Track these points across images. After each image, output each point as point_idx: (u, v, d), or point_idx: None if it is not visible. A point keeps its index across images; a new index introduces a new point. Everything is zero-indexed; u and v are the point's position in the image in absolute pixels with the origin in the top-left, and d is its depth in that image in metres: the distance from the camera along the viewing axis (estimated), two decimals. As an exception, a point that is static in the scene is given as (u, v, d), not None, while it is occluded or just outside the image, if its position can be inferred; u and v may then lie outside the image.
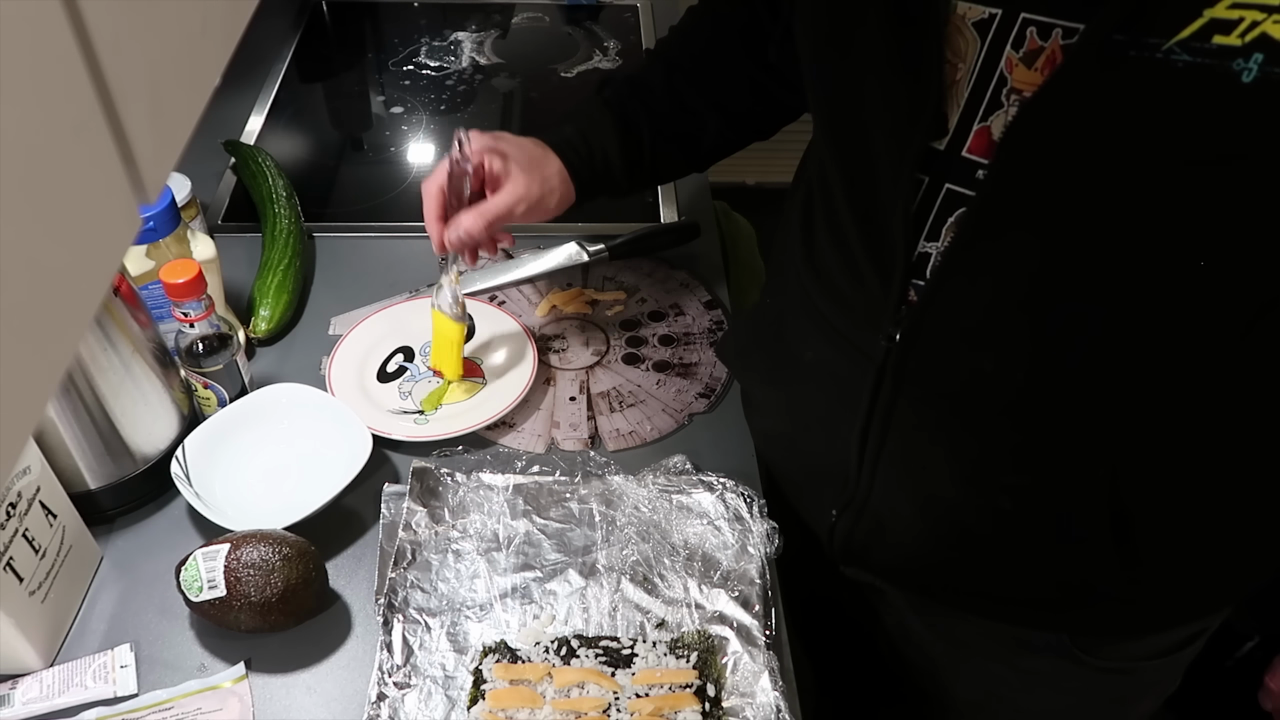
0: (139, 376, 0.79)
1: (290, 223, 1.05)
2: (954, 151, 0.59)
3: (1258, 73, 0.47)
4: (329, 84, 1.42)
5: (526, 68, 1.41)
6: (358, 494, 0.84)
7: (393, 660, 0.72)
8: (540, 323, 1.03)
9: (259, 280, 1.00)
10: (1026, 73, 0.55)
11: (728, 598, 0.77)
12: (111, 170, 0.31)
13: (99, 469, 0.79)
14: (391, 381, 0.95)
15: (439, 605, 0.76)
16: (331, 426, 0.86)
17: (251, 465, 0.86)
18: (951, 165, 0.59)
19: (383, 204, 1.18)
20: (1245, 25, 0.47)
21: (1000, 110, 0.56)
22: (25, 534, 0.70)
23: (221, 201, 1.16)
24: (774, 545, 0.80)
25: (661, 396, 0.95)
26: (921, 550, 0.73)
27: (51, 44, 0.27)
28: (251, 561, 0.72)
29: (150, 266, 0.88)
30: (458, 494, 0.83)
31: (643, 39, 1.47)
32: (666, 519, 0.82)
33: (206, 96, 0.38)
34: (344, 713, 0.72)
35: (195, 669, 0.74)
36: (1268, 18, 0.47)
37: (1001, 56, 0.55)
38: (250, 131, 1.26)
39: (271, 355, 0.98)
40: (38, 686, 0.71)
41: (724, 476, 0.85)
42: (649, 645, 0.74)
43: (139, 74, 0.31)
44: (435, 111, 1.32)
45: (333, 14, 1.52)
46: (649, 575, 0.78)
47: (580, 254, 1.08)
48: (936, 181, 0.60)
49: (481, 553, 0.79)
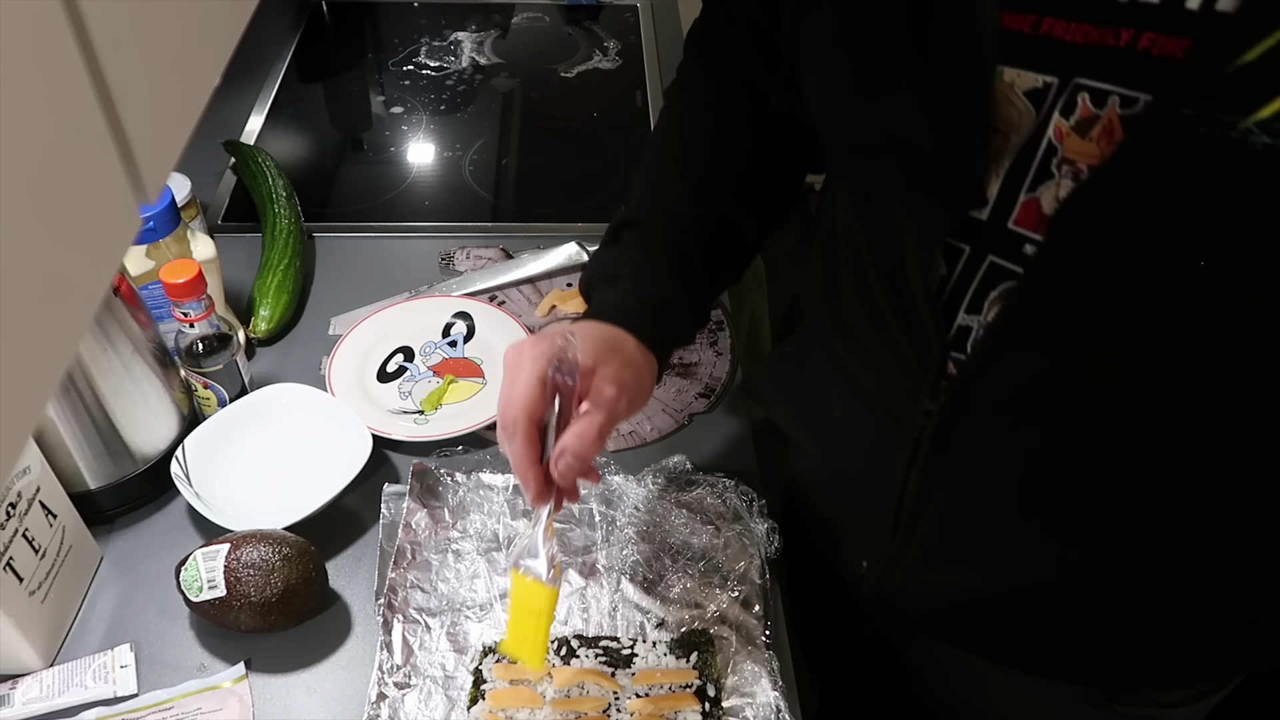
0: (139, 376, 0.79)
1: (290, 223, 1.05)
2: (998, 222, 0.55)
3: None
4: (329, 84, 1.42)
5: (526, 68, 1.41)
6: (358, 494, 0.84)
7: (393, 660, 0.72)
8: (540, 323, 1.03)
9: (259, 280, 1.00)
10: (1080, 143, 0.50)
11: (728, 598, 0.77)
12: (111, 170, 0.31)
13: (99, 469, 0.79)
14: (391, 381, 0.95)
15: (439, 605, 0.76)
16: (331, 426, 0.86)
17: (251, 465, 0.86)
18: (996, 237, 0.55)
19: (383, 204, 1.18)
20: None
21: (1051, 181, 0.52)
22: (25, 534, 0.70)
23: (221, 201, 1.16)
24: (774, 545, 0.80)
25: (661, 396, 0.95)
26: (955, 606, 0.70)
27: (51, 44, 0.27)
28: (251, 561, 0.72)
29: (150, 266, 0.88)
30: (458, 494, 0.83)
31: (643, 39, 1.47)
32: (666, 519, 0.82)
33: (206, 96, 0.38)
34: (344, 713, 0.72)
35: (195, 669, 0.74)
36: None
37: (1050, 123, 0.51)
38: (250, 131, 1.26)
39: (271, 355, 0.98)
40: (38, 686, 0.71)
41: (724, 476, 0.85)
42: (649, 645, 0.74)
43: (139, 74, 0.31)
44: (435, 111, 1.32)
45: (333, 14, 1.52)
46: (649, 575, 0.78)
47: (580, 254, 1.08)
48: (978, 253, 0.56)
49: (481, 553, 0.79)
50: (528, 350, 0.62)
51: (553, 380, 0.61)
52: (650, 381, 0.69)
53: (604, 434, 0.62)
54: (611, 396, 0.63)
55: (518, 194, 1.20)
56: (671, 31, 1.49)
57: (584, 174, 1.24)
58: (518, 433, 0.61)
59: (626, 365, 0.66)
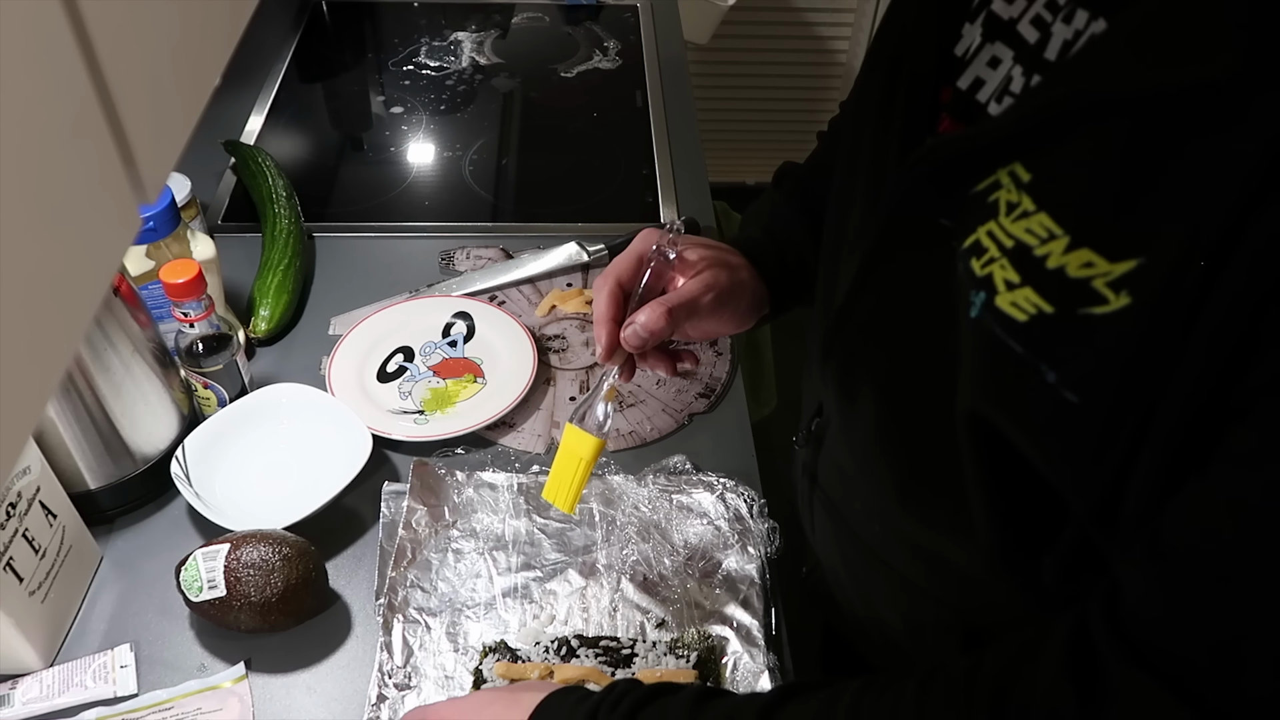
0: (139, 376, 0.79)
1: (290, 223, 1.05)
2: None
3: (978, 311, 0.48)
4: (329, 84, 1.42)
5: (526, 68, 1.41)
6: (358, 494, 0.84)
7: (393, 661, 0.72)
8: (540, 323, 1.03)
9: (259, 280, 1.00)
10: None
11: (728, 598, 0.77)
12: (111, 170, 0.31)
13: (99, 469, 0.79)
14: (391, 381, 0.95)
15: (439, 605, 0.76)
16: (331, 426, 0.86)
17: (251, 465, 0.86)
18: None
19: (383, 204, 1.18)
20: (986, 258, 0.47)
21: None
22: (25, 534, 0.70)
23: (221, 201, 1.16)
24: (774, 545, 0.80)
25: (661, 396, 0.95)
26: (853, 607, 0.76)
27: (51, 44, 0.27)
28: (251, 561, 0.72)
29: (150, 266, 0.88)
30: (458, 493, 0.83)
31: (643, 39, 1.47)
32: (666, 519, 0.82)
33: (206, 97, 0.38)
34: (344, 713, 0.72)
35: (195, 669, 0.74)
36: (1002, 256, 0.46)
37: None
38: (250, 131, 1.26)
39: (271, 355, 0.98)
40: (38, 686, 0.71)
41: (724, 476, 0.85)
42: (649, 645, 0.74)
43: (139, 74, 0.31)
44: (435, 111, 1.32)
45: (333, 14, 1.52)
46: (649, 575, 0.78)
47: (580, 254, 1.08)
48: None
49: (481, 552, 0.79)
50: (642, 233, 0.73)
51: (651, 258, 0.69)
52: (748, 301, 0.75)
53: (675, 317, 0.68)
54: (696, 288, 0.70)
55: (518, 194, 1.20)
56: (671, 31, 1.49)
57: (584, 174, 1.24)
58: (604, 289, 0.70)
59: (724, 269, 0.72)
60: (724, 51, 2.14)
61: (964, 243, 0.49)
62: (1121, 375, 0.43)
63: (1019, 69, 0.50)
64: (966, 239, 0.49)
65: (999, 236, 0.46)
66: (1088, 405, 0.44)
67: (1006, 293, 0.46)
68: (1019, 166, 0.46)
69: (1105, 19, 0.45)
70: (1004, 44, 0.51)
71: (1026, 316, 0.45)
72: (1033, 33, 0.50)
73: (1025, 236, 0.45)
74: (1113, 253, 0.42)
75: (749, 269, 0.75)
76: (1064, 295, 0.44)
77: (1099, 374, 0.43)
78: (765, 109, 2.31)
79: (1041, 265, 0.44)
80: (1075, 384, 0.44)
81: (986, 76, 0.52)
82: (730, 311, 0.73)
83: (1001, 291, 0.46)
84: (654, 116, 1.31)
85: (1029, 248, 0.45)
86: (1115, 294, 0.42)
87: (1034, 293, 0.45)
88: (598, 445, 0.68)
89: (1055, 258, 0.44)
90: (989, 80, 0.52)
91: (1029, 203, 0.45)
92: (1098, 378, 0.43)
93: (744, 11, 1.95)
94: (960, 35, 0.55)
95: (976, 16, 0.54)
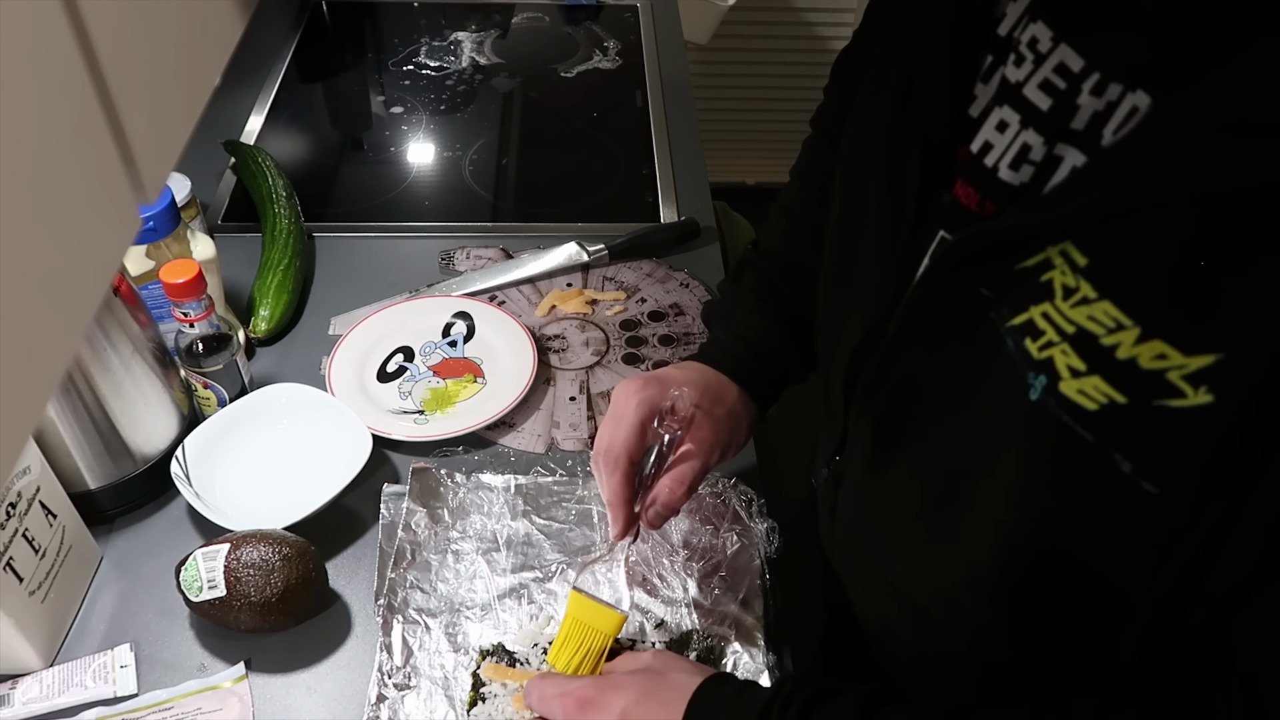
0: (139, 376, 0.79)
1: (290, 223, 1.05)
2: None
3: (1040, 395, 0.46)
4: (329, 84, 1.42)
5: (526, 68, 1.41)
6: (358, 494, 0.84)
7: (392, 661, 0.72)
8: (540, 323, 1.03)
9: (259, 280, 1.00)
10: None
11: (727, 597, 0.77)
12: (111, 170, 0.31)
13: (99, 469, 0.79)
14: (391, 381, 0.95)
15: (438, 606, 0.76)
16: (331, 426, 0.87)
17: (251, 465, 0.86)
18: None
19: (383, 204, 1.18)
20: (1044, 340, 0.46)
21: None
22: (25, 534, 0.70)
23: (221, 201, 1.16)
24: (774, 545, 0.80)
25: (661, 396, 0.95)
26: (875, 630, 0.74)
27: (51, 44, 0.27)
28: (251, 561, 0.72)
29: (150, 266, 0.88)
30: (457, 494, 0.83)
31: (643, 39, 1.47)
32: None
33: (206, 97, 0.38)
34: (344, 713, 0.72)
35: (195, 669, 0.74)
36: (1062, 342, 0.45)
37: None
38: (250, 131, 1.26)
39: (271, 355, 0.98)
40: (38, 686, 0.71)
41: (724, 476, 0.85)
42: (649, 645, 0.74)
43: (139, 74, 0.32)
44: (435, 111, 1.32)
45: (333, 14, 1.52)
46: (649, 575, 0.78)
47: (580, 254, 1.08)
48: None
49: (481, 553, 0.79)
50: (636, 394, 0.68)
51: (656, 429, 0.67)
52: (746, 430, 0.75)
53: (695, 485, 0.68)
54: (708, 450, 0.69)
55: (518, 194, 1.20)
56: (671, 31, 1.49)
57: (584, 174, 1.24)
58: (617, 471, 0.67)
59: (727, 417, 0.72)
60: (724, 51, 2.15)
61: (1013, 319, 0.48)
62: (1204, 469, 0.42)
63: (1038, 138, 0.49)
64: (1015, 316, 0.47)
65: (1057, 320, 0.45)
66: (1168, 497, 0.43)
67: (1072, 379, 0.45)
68: (1071, 247, 0.45)
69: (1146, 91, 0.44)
70: (1011, 108, 0.50)
71: (1097, 406, 0.44)
72: (1043, 99, 0.48)
73: (1089, 324, 0.44)
74: (1188, 347, 0.41)
75: (737, 392, 0.75)
76: (1138, 386, 0.43)
77: (1180, 467, 0.43)
78: (765, 109, 2.31)
79: (1111, 355, 0.43)
80: (1154, 476, 0.43)
81: (995, 141, 0.51)
82: (734, 447, 0.74)
83: (1066, 378, 0.45)
84: (654, 116, 1.31)
85: (1094, 336, 0.44)
86: (1194, 389, 0.41)
87: (1104, 382, 0.44)
88: (619, 626, 0.69)
89: (1126, 348, 0.43)
90: (996, 144, 0.51)
91: (1089, 289, 0.44)
92: (1179, 470, 0.43)
93: (744, 11, 1.95)
94: (974, 96, 0.54)
95: (990, 77, 0.53)
